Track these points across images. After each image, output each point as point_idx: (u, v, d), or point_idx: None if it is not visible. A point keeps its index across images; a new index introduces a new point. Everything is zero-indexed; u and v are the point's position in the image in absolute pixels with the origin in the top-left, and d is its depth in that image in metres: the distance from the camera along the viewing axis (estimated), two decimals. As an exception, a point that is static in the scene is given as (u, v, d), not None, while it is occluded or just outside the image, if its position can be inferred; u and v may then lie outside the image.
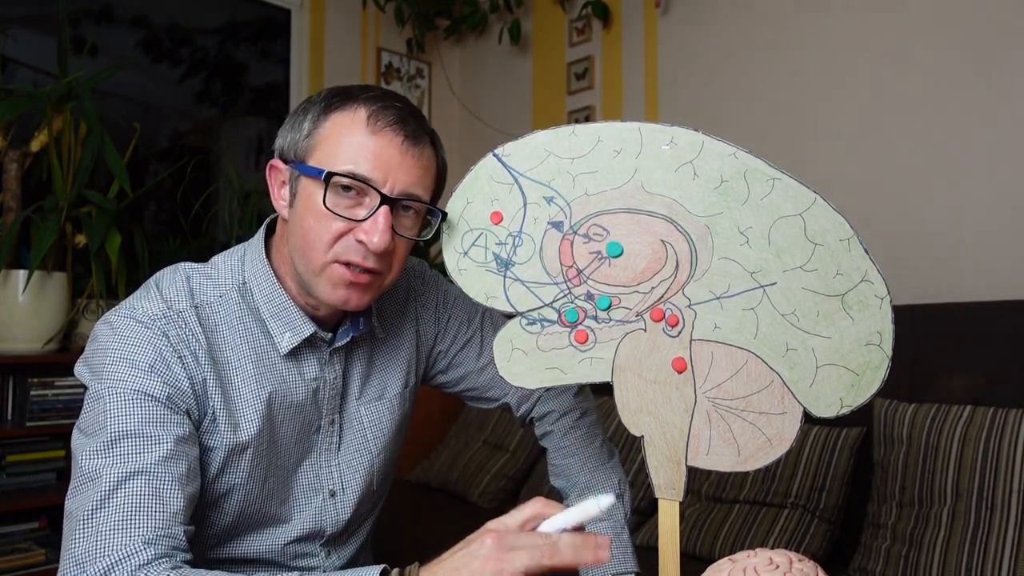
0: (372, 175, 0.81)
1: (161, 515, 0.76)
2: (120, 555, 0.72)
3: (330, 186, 0.81)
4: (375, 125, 0.82)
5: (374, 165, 0.81)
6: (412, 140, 0.83)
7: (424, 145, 0.85)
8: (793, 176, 0.75)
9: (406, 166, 0.82)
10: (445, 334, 1.09)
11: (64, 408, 2.07)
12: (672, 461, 0.79)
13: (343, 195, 0.81)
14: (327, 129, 0.83)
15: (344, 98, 0.84)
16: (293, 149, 0.86)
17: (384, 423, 1.02)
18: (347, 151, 0.81)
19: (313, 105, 0.86)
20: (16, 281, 1.99)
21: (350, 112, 0.83)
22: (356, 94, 0.85)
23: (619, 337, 0.80)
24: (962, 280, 1.88)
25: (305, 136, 0.85)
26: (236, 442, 0.88)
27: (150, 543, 0.73)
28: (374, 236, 0.81)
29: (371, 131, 0.82)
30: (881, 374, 0.73)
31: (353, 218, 0.82)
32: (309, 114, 0.85)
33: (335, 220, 0.82)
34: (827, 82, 2.18)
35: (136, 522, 0.74)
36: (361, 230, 0.82)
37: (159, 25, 2.81)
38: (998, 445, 1.42)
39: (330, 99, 0.85)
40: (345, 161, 0.81)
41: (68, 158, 2.07)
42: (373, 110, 0.82)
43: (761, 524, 1.66)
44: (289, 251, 0.88)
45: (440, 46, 3.35)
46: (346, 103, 0.84)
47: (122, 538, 0.73)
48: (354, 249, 0.83)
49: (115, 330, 0.83)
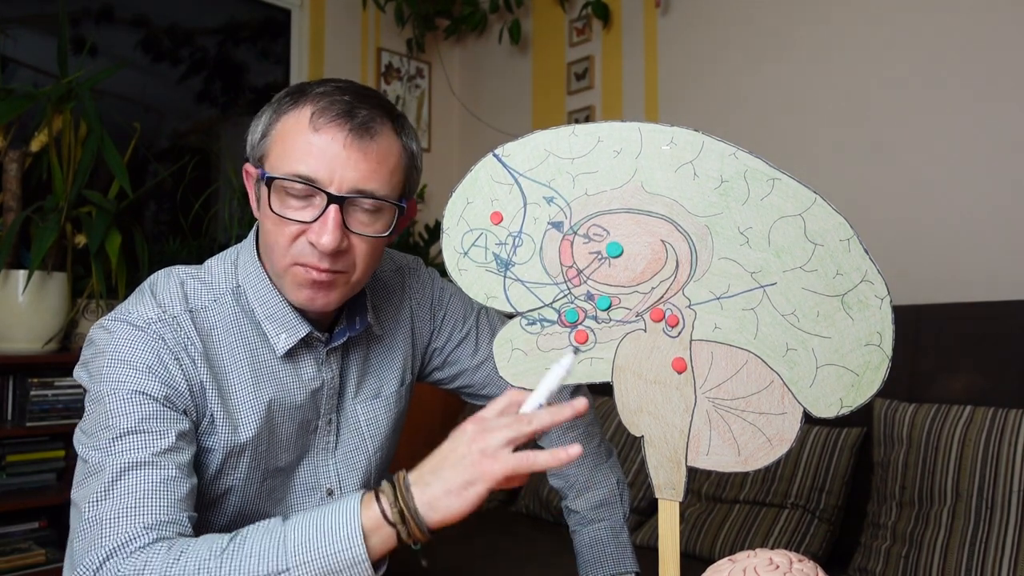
0: (317, 175, 0.80)
1: (164, 502, 0.76)
2: (122, 539, 0.73)
3: (276, 190, 0.81)
4: (317, 122, 0.81)
5: (319, 164, 0.80)
6: (358, 133, 0.81)
7: (375, 136, 0.82)
8: (793, 176, 0.75)
9: (352, 161, 0.81)
10: (440, 331, 1.09)
11: (64, 408, 2.07)
12: (672, 461, 0.79)
13: (291, 196, 0.82)
14: (277, 131, 0.83)
15: (296, 97, 0.84)
16: (252, 152, 0.87)
17: (381, 421, 1.02)
18: (292, 152, 0.81)
19: (270, 107, 0.86)
20: (16, 281, 1.99)
21: (296, 112, 0.82)
22: (307, 91, 0.84)
23: (619, 337, 0.80)
24: (962, 280, 1.88)
25: (259, 140, 0.85)
26: (235, 444, 0.88)
27: (151, 528, 0.74)
28: (322, 236, 0.80)
29: (313, 128, 0.81)
30: (881, 374, 0.73)
31: (302, 220, 0.81)
32: (264, 116, 0.86)
33: (288, 224, 0.82)
34: (827, 82, 2.18)
35: (139, 509, 0.75)
36: (311, 231, 0.81)
37: (159, 25, 2.80)
38: (998, 445, 1.42)
39: (282, 99, 0.85)
40: (290, 163, 0.81)
41: (68, 158, 2.07)
42: (318, 107, 0.81)
43: (761, 524, 1.66)
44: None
45: (440, 46, 3.34)
46: (296, 102, 0.83)
47: (125, 524, 0.74)
48: (308, 251, 0.83)
49: (112, 334, 0.84)
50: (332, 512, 0.73)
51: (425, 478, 0.72)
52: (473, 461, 0.70)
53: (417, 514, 0.71)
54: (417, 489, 0.72)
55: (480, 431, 0.71)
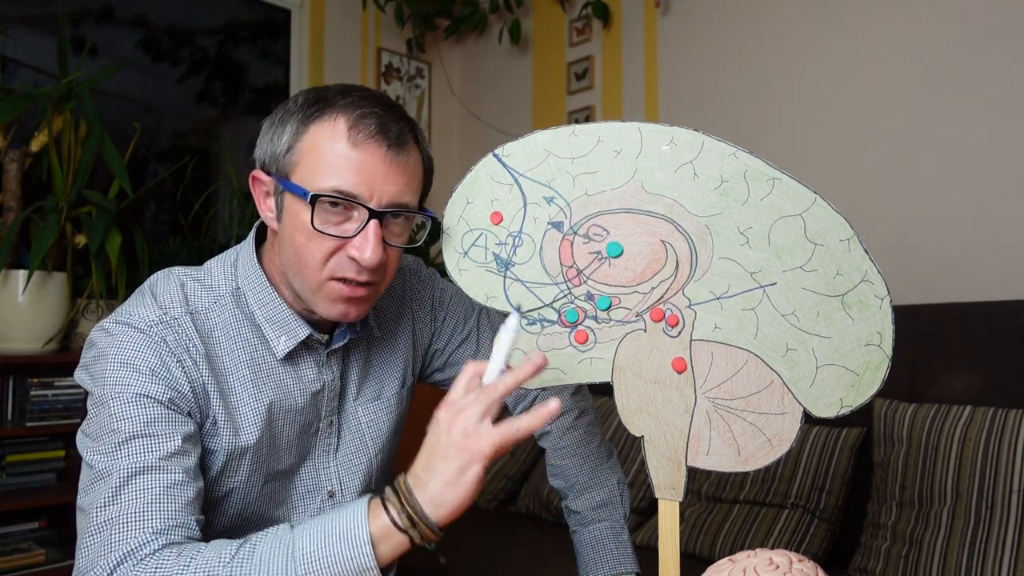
0: (358, 191, 0.79)
1: (172, 506, 0.77)
2: (131, 546, 0.73)
3: (317, 205, 0.79)
4: (356, 137, 0.79)
5: (359, 180, 0.79)
6: (396, 148, 0.80)
7: (408, 150, 0.82)
8: (793, 176, 0.75)
9: (391, 176, 0.80)
10: (441, 333, 1.09)
11: (64, 408, 2.07)
12: (672, 461, 0.79)
13: (330, 211, 0.80)
14: (307, 143, 0.81)
15: (322, 106, 0.81)
16: (275, 163, 0.83)
17: (382, 423, 1.02)
18: (329, 166, 0.79)
19: (291, 115, 0.83)
20: (16, 281, 1.99)
21: (329, 123, 0.80)
22: (334, 100, 0.82)
23: (619, 337, 0.80)
24: (962, 280, 1.88)
25: (286, 150, 0.82)
26: (236, 446, 0.88)
27: (160, 533, 0.74)
28: (366, 252, 0.79)
29: (352, 144, 0.79)
30: (881, 374, 0.73)
31: (343, 235, 0.80)
32: (288, 125, 0.82)
33: (326, 239, 0.80)
34: (827, 82, 2.18)
35: (147, 515, 0.75)
36: (352, 246, 0.80)
37: (159, 25, 2.80)
38: (998, 445, 1.42)
39: (307, 108, 0.82)
40: (328, 177, 0.79)
41: (68, 158, 2.07)
42: (353, 119, 0.80)
43: (761, 524, 1.66)
44: (282, 265, 0.87)
45: (440, 46, 3.35)
46: (324, 112, 0.81)
47: (133, 530, 0.74)
48: (347, 265, 0.81)
49: (113, 337, 0.83)
50: (339, 521, 0.73)
51: (421, 477, 0.73)
52: (459, 446, 0.71)
53: (424, 515, 0.72)
54: (417, 491, 0.72)
55: (453, 415, 0.73)
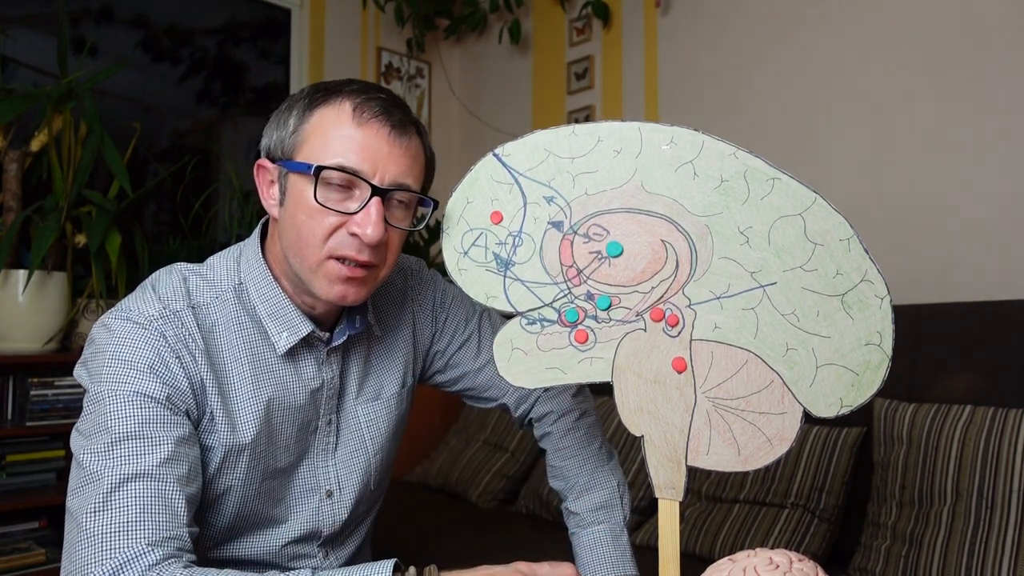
0: (361, 167, 0.81)
1: (164, 517, 0.76)
2: (127, 556, 0.72)
3: (320, 180, 0.81)
4: (361, 117, 0.82)
5: (363, 157, 0.81)
6: (399, 130, 0.83)
7: (411, 135, 0.85)
8: (793, 176, 0.75)
9: (394, 156, 0.83)
10: (442, 334, 1.09)
11: (64, 408, 2.07)
12: (672, 461, 0.79)
13: (333, 189, 0.81)
14: (313, 124, 0.83)
15: (328, 92, 0.84)
16: (280, 147, 0.85)
17: (381, 423, 1.02)
18: (335, 144, 0.81)
19: (297, 102, 0.86)
20: (16, 281, 1.99)
21: (335, 106, 0.83)
22: (339, 88, 0.85)
23: (619, 337, 0.80)
24: (962, 280, 1.88)
25: (291, 133, 0.84)
26: (234, 443, 0.88)
27: (155, 544, 0.74)
28: (367, 228, 0.80)
29: (357, 123, 0.82)
30: (881, 374, 0.73)
31: (345, 211, 0.81)
32: (294, 111, 0.85)
33: (327, 215, 0.81)
34: (827, 81, 2.18)
35: (140, 524, 0.74)
36: (354, 223, 0.81)
37: (159, 25, 2.80)
38: (998, 445, 1.42)
39: (313, 94, 0.85)
40: (333, 155, 0.81)
41: (68, 158, 2.07)
42: (358, 102, 0.82)
43: (761, 524, 1.66)
44: (283, 249, 0.88)
45: (440, 46, 3.34)
46: (330, 97, 0.84)
47: (127, 540, 0.73)
48: (348, 243, 0.82)
49: (112, 332, 0.83)
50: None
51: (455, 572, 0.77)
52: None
53: None
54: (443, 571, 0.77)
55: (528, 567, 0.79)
